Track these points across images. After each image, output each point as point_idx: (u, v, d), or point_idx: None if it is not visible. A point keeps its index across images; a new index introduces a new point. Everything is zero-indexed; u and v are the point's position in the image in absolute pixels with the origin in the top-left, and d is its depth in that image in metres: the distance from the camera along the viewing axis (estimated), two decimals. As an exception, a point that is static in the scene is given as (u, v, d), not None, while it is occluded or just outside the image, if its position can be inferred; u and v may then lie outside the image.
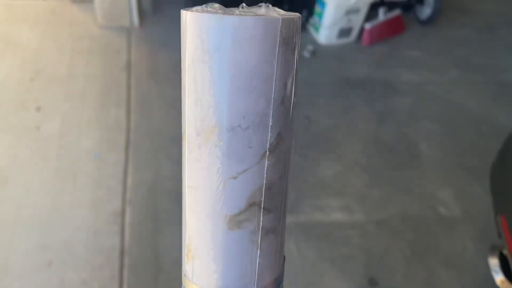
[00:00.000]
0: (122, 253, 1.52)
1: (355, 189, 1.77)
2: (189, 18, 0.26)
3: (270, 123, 0.26)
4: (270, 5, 0.28)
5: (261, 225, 0.28)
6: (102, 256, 1.51)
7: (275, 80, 0.26)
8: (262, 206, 0.28)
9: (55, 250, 1.51)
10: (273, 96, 0.26)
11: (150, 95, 2.04)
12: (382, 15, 2.52)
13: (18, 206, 1.62)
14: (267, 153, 0.27)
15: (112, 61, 2.21)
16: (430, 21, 2.68)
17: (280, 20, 0.25)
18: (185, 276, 0.31)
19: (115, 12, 2.41)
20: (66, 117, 1.91)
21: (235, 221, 0.28)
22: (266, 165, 0.27)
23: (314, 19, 2.53)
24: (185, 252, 0.30)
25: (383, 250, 1.60)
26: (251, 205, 0.28)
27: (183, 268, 0.30)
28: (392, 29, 2.58)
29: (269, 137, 0.27)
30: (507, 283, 1.12)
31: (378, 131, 2.01)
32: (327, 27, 2.40)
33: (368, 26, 2.48)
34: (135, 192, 1.68)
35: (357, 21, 2.46)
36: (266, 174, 0.27)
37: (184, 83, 0.28)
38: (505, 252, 1.06)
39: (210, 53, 0.25)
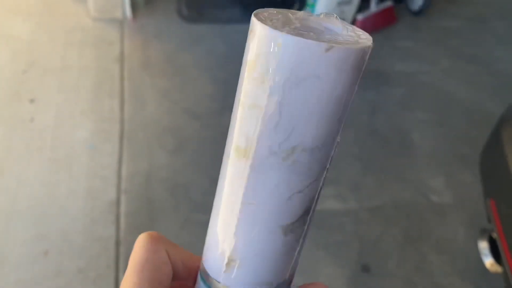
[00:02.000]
0: (117, 243, 1.53)
1: (348, 177, 1.79)
2: (284, 40, 0.24)
3: (337, 140, 0.28)
4: (334, 15, 0.28)
5: (305, 232, 0.30)
6: (98, 245, 1.52)
7: (350, 105, 0.27)
8: (310, 214, 0.29)
9: (51, 240, 1.53)
10: (343, 118, 0.27)
11: (144, 86, 2.05)
12: (374, 6, 2.54)
13: (13, 197, 1.63)
14: (328, 166, 0.28)
15: (105, 52, 2.21)
16: (422, 12, 2.70)
17: (369, 49, 0.25)
18: (221, 283, 0.32)
19: (107, 4, 2.41)
20: (60, 108, 1.92)
21: (290, 229, 0.29)
22: (324, 176, 0.28)
23: (307, 10, 2.54)
24: (224, 262, 0.31)
25: (376, 237, 1.63)
26: (304, 213, 0.29)
27: (218, 277, 0.31)
28: (384, 20, 2.59)
29: (332, 152, 0.28)
30: (496, 266, 1.15)
31: (371, 120, 2.03)
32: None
33: (360, 17, 2.49)
34: (130, 182, 1.69)
35: (349, 12, 2.47)
36: (321, 184, 0.29)
37: (257, 102, 0.27)
38: (495, 235, 1.08)
39: (298, 79, 0.25)
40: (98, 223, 1.57)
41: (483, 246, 1.16)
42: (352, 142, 1.93)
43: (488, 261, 1.15)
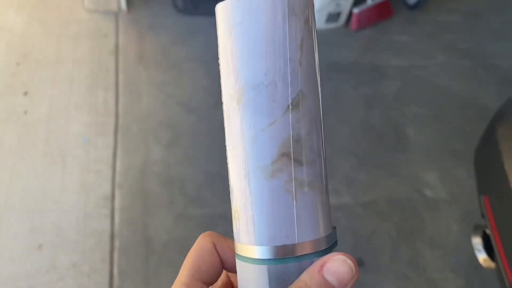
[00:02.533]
0: (112, 236, 1.53)
1: (343, 172, 1.80)
2: (219, 6, 0.32)
3: (289, 80, 0.31)
4: None
5: (293, 176, 0.31)
6: (93, 239, 1.52)
7: (288, 44, 0.30)
8: (292, 157, 0.31)
9: (45, 233, 1.52)
10: (288, 57, 0.31)
11: (139, 79, 2.04)
12: (370, -1, 2.53)
13: (7, 191, 1.62)
14: (290, 107, 0.31)
15: (100, 45, 2.19)
16: (418, 6, 2.69)
17: None
18: (235, 241, 0.33)
19: (102, -5, 2.38)
20: (54, 101, 1.90)
21: (269, 171, 0.31)
22: (290, 119, 0.31)
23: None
24: (233, 216, 0.32)
25: (369, 231, 1.63)
26: (282, 155, 0.30)
27: (236, 236, 0.33)
28: (380, 14, 2.58)
29: (289, 93, 0.31)
30: (489, 262, 1.15)
31: (366, 115, 2.03)
32: (315, 11, 2.40)
33: (356, 10, 2.48)
34: (125, 176, 1.68)
35: (345, 5, 2.46)
36: (291, 127, 0.31)
37: (220, 62, 0.33)
38: (488, 231, 1.09)
39: (232, 28, 0.31)
40: (92, 217, 1.57)
41: (477, 242, 1.17)
42: (347, 137, 1.93)
43: (482, 257, 1.16)
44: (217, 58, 0.34)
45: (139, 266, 1.47)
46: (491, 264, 1.16)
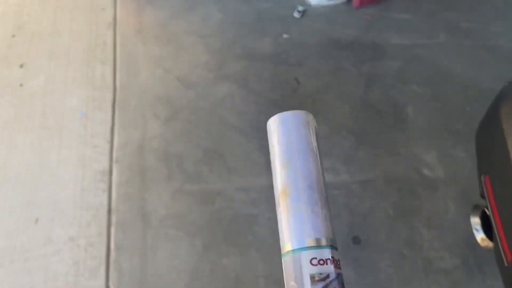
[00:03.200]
0: (109, 211, 1.52)
1: (342, 150, 1.79)
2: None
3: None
4: None
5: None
6: (89, 214, 1.51)
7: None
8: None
9: (42, 207, 1.51)
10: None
11: (136, 53, 2.00)
12: (373, -24, 2.48)
13: (3, 164, 1.61)
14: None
15: (97, 18, 2.15)
16: (421, -17, 2.64)
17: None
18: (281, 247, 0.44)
19: (99, -34, 2.33)
20: (50, 74, 1.87)
21: None
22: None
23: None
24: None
25: (367, 210, 1.63)
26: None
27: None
28: (382, -9, 2.54)
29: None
30: (487, 241, 1.15)
31: (366, 93, 2.01)
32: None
33: (359, -13, 2.44)
34: (122, 151, 1.67)
35: (348, -18, 2.42)
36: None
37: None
38: (487, 211, 1.08)
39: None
40: (89, 191, 1.56)
41: (475, 221, 1.17)
42: (347, 115, 1.91)
43: (480, 236, 1.16)
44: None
45: (136, 240, 1.47)
46: (489, 244, 1.16)
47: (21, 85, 1.82)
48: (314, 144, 0.46)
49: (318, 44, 2.21)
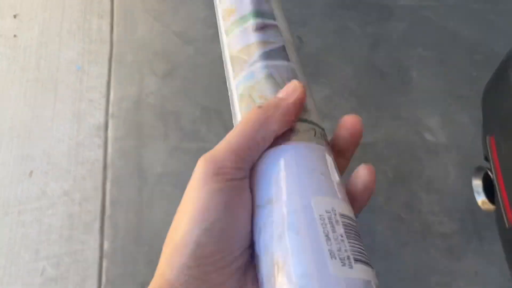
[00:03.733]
0: (105, 166, 1.50)
1: (343, 113, 1.73)
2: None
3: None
4: None
5: None
6: (84, 168, 1.49)
7: None
8: None
9: (36, 160, 1.49)
10: None
11: (134, 6, 1.94)
12: None
13: (-4, 116, 1.57)
14: None
15: (94, -31, 2.07)
16: None
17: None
18: None
19: None
20: (45, 26, 1.81)
21: None
22: None
23: None
24: None
25: (367, 172, 1.61)
26: None
27: None
28: (391, -50, 2.45)
29: None
30: (488, 204, 1.14)
31: (370, 55, 1.96)
32: None
33: None
34: (118, 106, 1.63)
35: None
36: None
37: None
38: (491, 174, 1.06)
39: None
40: (85, 146, 1.53)
41: (477, 184, 1.15)
42: (349, 76, 1.87)
43: (481, 199, 1.14)
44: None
45: (132, 196, 1.45)
46: (490, 207, 1.14)
47: (14, 36, 1.76)
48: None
49: (323, 2, 2.14)
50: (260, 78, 0.36)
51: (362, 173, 0.38)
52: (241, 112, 0.36)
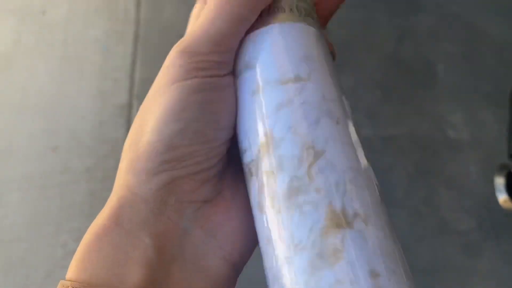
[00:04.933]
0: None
1: (366, 104, 1.74)
2: None
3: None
4: None
5: None
6: (107, 147, 1.50)
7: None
8: None
9: (60, 137, 1.51)
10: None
11: (162, -12, 1.94)
12: None
13: (23, 92, 1.59)
14: None
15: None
16: None
17: None
18: None
19: None
20: (73, 3, 1.82)
21: None
22: None
23: None
24: None
25: (387, 165, 1.60)
26: None
27: None
28: None
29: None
30: (509, 202, 1.12)
31: (396, 47, 1.93)
32: None
33: None
34: (142, 87, 1.64)
35: None
36: None
37: None
38: (516, 172, 1.05)
39: None
40: (108, 125, 1.55)
41: (500, 182, 1.13)
42: (374, 68, 1.85)
43: (502, 197, 1.13)
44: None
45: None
46: (511, 206, 1.13)
47: (43, 12, 1.78)
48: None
49: (350, -7, 2.12)
50: None
51: None
52: None
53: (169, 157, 0.27)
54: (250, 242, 0.30)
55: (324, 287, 0.22)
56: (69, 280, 0.25)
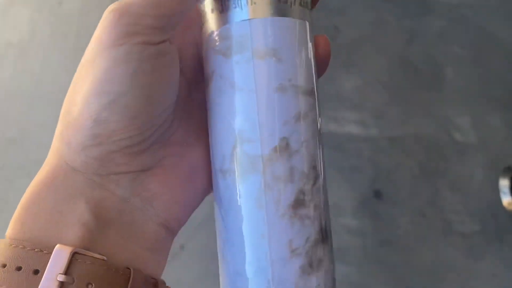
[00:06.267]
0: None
1: (373, 104, 1.75)
2: None
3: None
4: None
5: None
6: (117, 138, 1.53)
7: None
8: None
9: (72, 126, 1.53)
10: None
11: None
12: None
13: (36, 81, 1.62)
14: None
15: None
16: None
17: None
18: None
19: None
20: (88, -4, 1.85)
21: None
22: None
23: None
24: None
25: (392, 166, 1.62)
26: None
27: None
28: None
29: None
30: (513, 206, 1.14)
31: (406, 49, 1.95)
32: None
33: None
34: (153, 80, 1.67)
35: None
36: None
37: None
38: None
39: None
40: (119, 116, 1.57)
41: (504, 184, 1.15)
42: (382, 69, 1.87)
43: (507, 200, 1.14)
44: None
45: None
46: (516, 208, 1.14)
47: (59, 3, 1.81)
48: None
49: (362, -7, 2.13)
50: None
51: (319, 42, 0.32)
52: None
53: (98, 131, 0.26)
54: (187, 210, 0.30)
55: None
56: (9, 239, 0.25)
